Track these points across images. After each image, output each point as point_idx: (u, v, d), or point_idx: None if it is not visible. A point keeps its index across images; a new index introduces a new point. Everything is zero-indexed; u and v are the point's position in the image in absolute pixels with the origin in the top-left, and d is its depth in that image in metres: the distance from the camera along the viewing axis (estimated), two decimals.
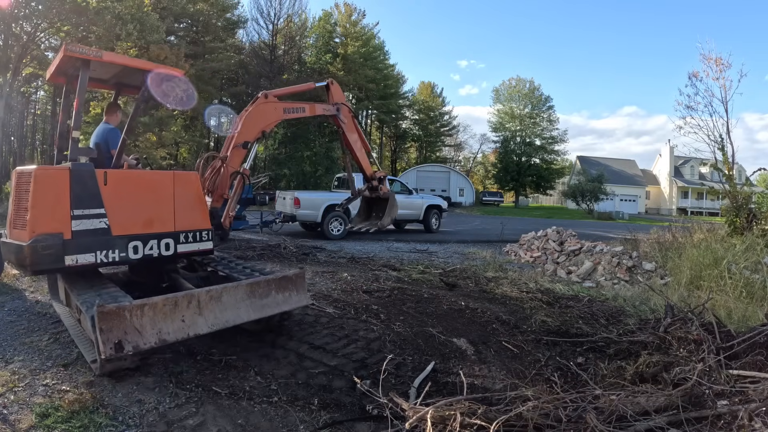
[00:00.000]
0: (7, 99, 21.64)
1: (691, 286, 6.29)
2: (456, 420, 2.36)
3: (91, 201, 3.60)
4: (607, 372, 3.49)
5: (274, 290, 4.01)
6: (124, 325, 3.04)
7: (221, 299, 3.62)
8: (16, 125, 33.52)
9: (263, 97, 5.34)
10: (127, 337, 3.02)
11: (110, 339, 2.94)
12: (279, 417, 2.86)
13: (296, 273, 4.28)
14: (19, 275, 6.38)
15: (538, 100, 53.01)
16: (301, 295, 4.23)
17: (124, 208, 3.77)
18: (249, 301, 3.80)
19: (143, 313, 3.15)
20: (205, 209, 4.24)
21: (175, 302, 3.33)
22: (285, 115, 5.54)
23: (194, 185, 4.17)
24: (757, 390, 2.72)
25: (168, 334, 3.22)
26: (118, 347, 2.97)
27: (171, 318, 3.28)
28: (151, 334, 3.14)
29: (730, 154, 10.03)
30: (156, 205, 3.95)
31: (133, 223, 3.82)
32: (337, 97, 6.18)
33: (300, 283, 4.25)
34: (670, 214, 41.12)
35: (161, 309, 3.25)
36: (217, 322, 3.52)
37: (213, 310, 3.54)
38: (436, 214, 15.19)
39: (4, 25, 20.10)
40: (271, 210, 14.12)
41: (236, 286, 3.78)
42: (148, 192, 3.97)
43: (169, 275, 4.45)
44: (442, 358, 3.88)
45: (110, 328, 2.97)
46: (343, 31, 43.07)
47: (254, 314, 3.81)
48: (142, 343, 3.08)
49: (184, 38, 34.12)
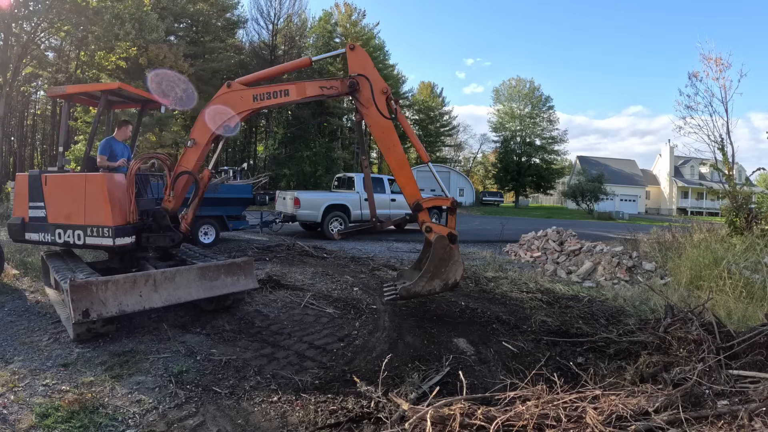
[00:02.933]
0: (7, 99, 21.63)
1: (691, 286, 6.29)
2: (456, 420, 2.36)
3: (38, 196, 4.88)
4: (607, 372, 3.49)
5: (223, 274, 4.56)
6: (91, 296, 3.69)
7: (174, 279, 4.21)
8: (16, 125, 33.51)
9: (225, 87, 4.66)
10: (93, 306, 3.68)
11: (79, 307, 3.61)
12: (279, 417, 2.86)
13: (245, 260, 4.83)
14: (19, 275, 6.38)
15: (538, 100, 53.05)
16: (249, 279, 4.74)
17: (55, 202, 4.82)
18: (200, 282, 4.37)
19: (107, 288, 3.81)
20: (108, 208, 4.50)
21: (134, 280, 3.98)
22: (256, 103, 4.59)
23: (100, 186, 4.58)
24: (757, 390, 2.72)
25: (127, 306, 3.87)
26: (85, 314, 3.63)
27: (130, 293, 3.92)
28: (113, 305, 3.80)
29: (730, 154, 10.04)
30: (73, 203, 4.71)
31: (59, 214, 4.79)
32: (355, 67, 4.46)
33: (248, 269, 4.77)
34: (670, 214, 41.16)
35: (122, 285, 3.89)
36: (170, 298, 4.12)
37: (167, 288, 4.14)
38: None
39: (4, 25, 20.09)
40: (271, 210, 14.13)
41: (188, 269, 4.38)
42: (69, 191, 4.79)
43: (139, 262, 5.01)
44: (441, 358, 3.88)
45: (80, 298, 3.63)
46: (343, 31, 43.06)
47: (204, 293, 4.38)
48: (105, 312, 3.73)
49: (183, 38, 34.11)
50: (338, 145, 40.02)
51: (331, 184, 15.31)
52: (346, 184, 13.89)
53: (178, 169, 4.75)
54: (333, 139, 40.07)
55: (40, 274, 6.15)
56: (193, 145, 4.73)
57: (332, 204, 12.28)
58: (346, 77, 4.48)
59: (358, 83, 4.38)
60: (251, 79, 4.75)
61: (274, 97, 4.57)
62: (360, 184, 13.06)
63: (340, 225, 12.36)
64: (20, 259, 7.08)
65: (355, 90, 4.40)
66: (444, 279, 4.48)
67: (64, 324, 4.24)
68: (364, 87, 4.40)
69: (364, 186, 5.31)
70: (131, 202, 4.65)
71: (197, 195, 4.90)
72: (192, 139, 4.74)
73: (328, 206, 12.18)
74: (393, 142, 4.53)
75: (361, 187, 13.01)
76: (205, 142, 4.71)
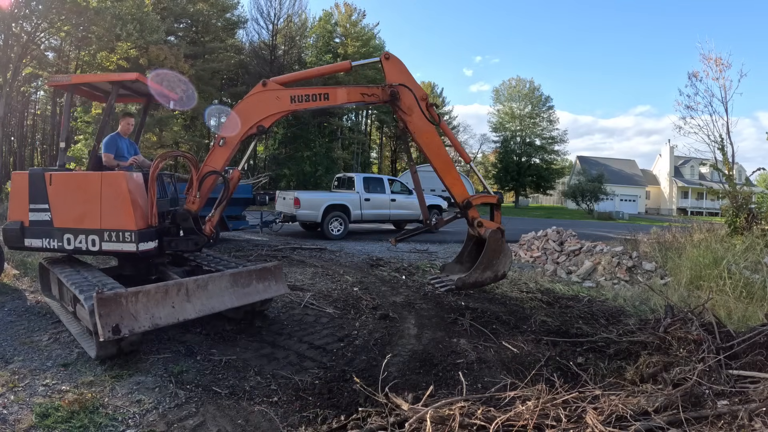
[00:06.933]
0: (7, 99, 21.63)
1: (691, 286, 6.29)
2: (455, 420, 2.36)
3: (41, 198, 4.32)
4: (607, 372, 3.49)
5: (255, 280, 4.32)
6: (120, 310, 3.29)
7: (207, 287, 3.92)
8: (16, 125, 33.52)
9: (261, 85, 4.43)
10: (123, 321, 3.27)
11: (108, 323, 3.18)
12: (279, 417, 2.86)
13: (275, 264, 4.62)
14: (19, 275, 6.38)
15: (538, 100, 53.02)
16: (280, 284, 4.56)
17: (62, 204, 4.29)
18: (232, 289, 4.10)
19: (137, 300, 3.41)
20: (130, 210, 4.07)
21: (166, 290, 3.62)
22: (293, 105, 4.41)
23: (121, 186, 4.13)
24: (757, 390, 2.72)
25: (160, 319, 3.49)
26: (115, 330, 3.20)
27: (162, 304, 3.56)
28: (145, 319, 3.40)
29: (730, 154, 10.04)
30: (86, 204, 4.23)
31: (68, 218, 4.28)
32: (393, 76, 4.54)
33: (278, 273, 4.58)
34: (670, 214, 41.12)
35: (154, 296, 3.53)
36: (203, 308, 3.81)
37: (200, 297, 3.83)
38: (436, 214, 15.19)
39: (4, 25, 20.09)
40: (271, 210, 14.12)
41: (221, 275, 4.10)
42: (80, 191, 4.29)
43: (158, 268, 4.70)
44: (441, 358, 3.88)
45: (108, 313, 3.20)
46: (343, 32, 43.03)
47: (237, 301, 4.10)
48: (137, 327, 3.33)
49: (183, 38, 34.09)
50: (338, 145, 39.98)
51: (331, 184, 15.30)
52: (346, 184, 13.88)
53: (206, 168, 4.45)
54: (333, 139, 40.01)
55: None
56: (223, 144, 4.45)
57: (332, 204, 12.28)
58: (385, 85, 4.52)
59: (399, 92, 4.43)
60: (287, 80, 4.57)
61: (312, 100, 4.42)
62: (360, 184, 13.09)
63: (341, 225, 12.35)
64: (20, 259, 7.08)
65: (395, 98, 4.43)
66: (495, 270, 4.75)
67: (78, 339, 3.91)
68: (405, 95, 4.45)
69: (414, 190, 5.37)
70: (152, 204, 4.23)
71: (225, 196, 4.58)
72: (222, 138, 4.46)
73: (328, 206, 12.17)
74: (437, 145, 4.72)
75: (361, 187, 13.05)
76: (236, 142, 4.46)
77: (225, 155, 4.46)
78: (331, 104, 4.52)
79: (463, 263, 5.08)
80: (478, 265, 4.63)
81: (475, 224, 4.74)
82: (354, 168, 37.62)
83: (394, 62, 4.54)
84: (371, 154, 51.45)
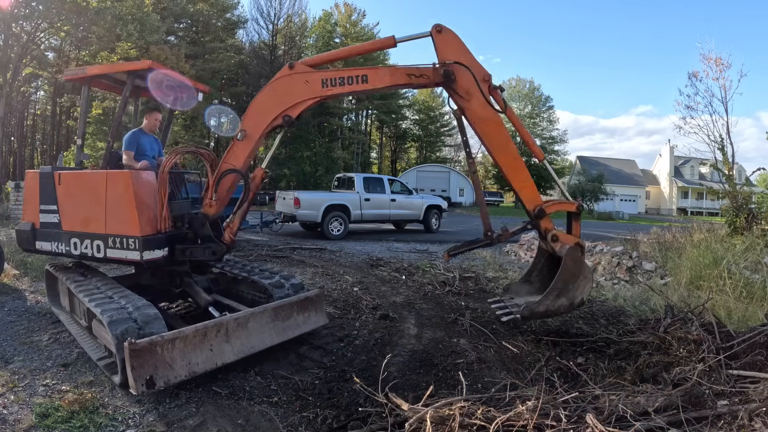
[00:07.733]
0: (7, 99, 21.63)
1: (691, 286, 6.28)
2: (455, 420, 2.36)
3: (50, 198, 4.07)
4: (607, 372, 3.49)
5: (295, 312, 3.95)
6: (155, 360, 2.93)
7: (248, 326, 3.56)
8: (16, 125, 33.52)
9: (287, 68, 3.78)
10: (158, 371, 2.92)
11: (141, 375, 2.82)
12: (279, 417, 2.86)
13: (317, 293, 4.23)
14: (20, 275, 6.38)
15: (538, 100, 53.09)
16: (320, 314, 4.22)
17: (70, 206, 4.01)
18: (272, 324, 3.74)
19: (174, 346, 3.04)
20: (134, 213, 3.60)
21: (205, 332, 3.24)
22: (325, 90, 3.73)
23: (125, 186, 3.67)
24: (757, 390, 2.72)
25: (197, 365, 3.13)
26: (149, 383, 2.85)
27: (200, 348, 3.20)
28: (182, 366, 3.05)
29: (730, 154, 10.05)
30: (91, 206, 3.85)
31: (75, 221, 3.99)
32: (447, 53, 3.73)
33: (319, 303, 4.23)
34: (670, 214, 41.14)
35: (191, 340, 3.16)
36: (243, 349, 3.46)
37: (240, 336, 3.48)
38: (436, 214, 15.17)
39: (4, 25, 20.11)
40: (271, 210, 14.12)
41: (263, 311, 3.71)
42: (86, 192, 3.93)
43: (182, 279, 4.16)
44: (442, 358, 3.88)
45: (141, 364, 2.84)
46: (343, 32, 43.04)
47: (277, 338, 3.72)
48: (173, 378, 2.98)
49: (184, 38, 34.14)
50: (338, 145, 39.99)
51: (331, 185, 15.29)
52: (346, 184, 13.87)
53: (224, 166, 3.89)
54: (333, 139, 40.02)
55: (40, 275, 6.13)
56: (243, 137, 3.81)
57: (332, 204, 12.28)
58: (437, 64, 3.76)
59: (454, 72, 3.65)
60: (318, 61, 3.93)
61: (348, 84, 3.70)
62: (360, 184, 13.05)
63: (340, 225, 12.33)
64: (20, 259, 7.08)
65: (450, 80, 3.68)
66: (571, 297, 3.86)
67: (78, 340, 3.77)
68: (462, 76, 3.66)
69: (475, 195, 4.56)
70: (163, 207, 3.73)
71: (246, 198, 4.00)
72: (242, 130, 3.81)
73: (328, 206, 12.18)
74: (504, 137, 3.90)
75: (361, 187, 12.99)
76: (258, 135, 3.83)
77: (246, 151, 3.84)
78: (370, 87, 3.75)
79: (532, 283, 4.31)
80: (551, 290, 3.79)
81: (549, 237, 3.87)
82: (354, 168, 37.61)
83: (448, 36, 3.70)
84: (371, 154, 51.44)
